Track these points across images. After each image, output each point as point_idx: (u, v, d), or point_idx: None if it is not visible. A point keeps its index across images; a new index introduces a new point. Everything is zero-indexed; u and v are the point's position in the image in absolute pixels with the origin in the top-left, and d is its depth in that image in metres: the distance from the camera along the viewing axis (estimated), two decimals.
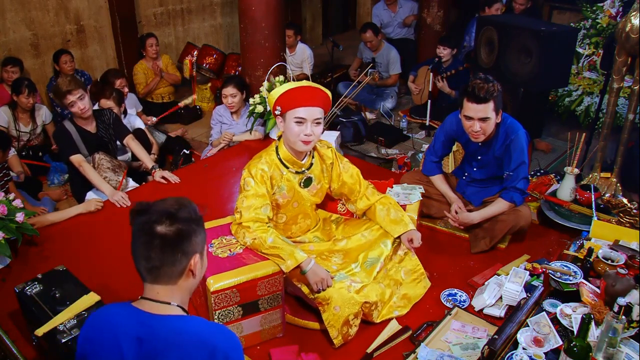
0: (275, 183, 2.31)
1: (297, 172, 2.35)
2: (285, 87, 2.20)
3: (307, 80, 4.64)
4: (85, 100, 3.24)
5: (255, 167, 2.27)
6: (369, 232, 2.45)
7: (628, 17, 3.19)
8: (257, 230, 2.21)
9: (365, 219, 2.54)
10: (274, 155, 2.33)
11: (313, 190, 2.43)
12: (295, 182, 2.36)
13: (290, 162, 2.33)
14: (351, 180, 2.50)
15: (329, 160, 2.46)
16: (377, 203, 2.49)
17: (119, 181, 3.37)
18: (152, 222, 1.35)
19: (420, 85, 5.42)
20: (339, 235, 2.51)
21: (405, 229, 2.39)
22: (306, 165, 2.37)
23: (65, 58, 4.87)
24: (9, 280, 2.54)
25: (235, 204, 2.32)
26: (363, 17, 8.49)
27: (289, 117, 2.22)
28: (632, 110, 3.37)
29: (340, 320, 2.18)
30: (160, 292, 1.40)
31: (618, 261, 2.26)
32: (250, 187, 2.25)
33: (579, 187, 3.04)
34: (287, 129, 2.24)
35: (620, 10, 4.70)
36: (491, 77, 2.63)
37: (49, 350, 2.01)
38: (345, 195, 2.55)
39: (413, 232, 2.39)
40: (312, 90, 2.23)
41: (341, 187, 2.51)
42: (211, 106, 5.57)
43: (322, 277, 2.15)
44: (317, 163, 2.42)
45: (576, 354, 1.74)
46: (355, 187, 2.51)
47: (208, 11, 6.52)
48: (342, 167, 2.49)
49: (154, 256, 1.35)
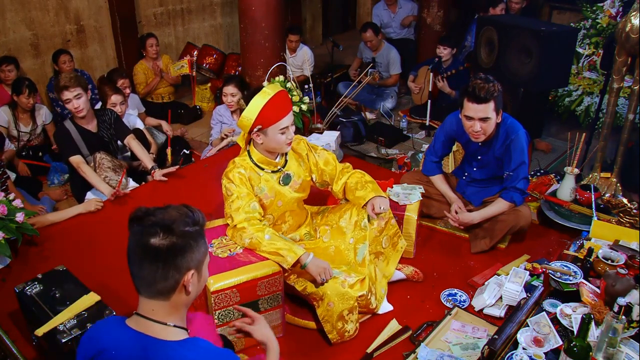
0: (255, 184, 2.34)
1: (273, 171, 2.38)
2: (258, 106, 2.21)
3: (308, 80, 4.65)
4: (82, 100, 3.23)
5: (232, 172, 2.31)
6: (349, 216, 2.47)
7: (628, 17, 3.19)
8: (252, 229, 2.22)
9: (344, 204, 2.56)
10: (247, 160, 2.36)
11: (295, 186, 2.45)
12: (274, 182, 2.38)
13: (265, 163, 2.36)
14: (328, 167, 2.53)
15: (304, 152, 2.50)
16: (349, 179, 2.52)
17: (118, 181, 3.37)
18: (146, 233, 1.27)
19: (420, 85, 5.42)
20: (322, 225, 2.53)
21: (367, 198, 2.40)
22: (281, 163, 2.41)
23: (64, 58, 4.87)
24: (9, 280, 2.54)
25: (224, 211, 2.33)
26: (363, 17, 8.49)
27: (272, 130, 2.25)
28: (632, 110, 3.37)
29: (334, 316, 2.19)
30: (156, 309, 1.32)
31: (618, 261, 2.26)
32: (232, 191, 2.29)
33: (579, 187, 3.04)
34: (271, 140, 2.28)
35: (620, 10, 4.69)
36: (491, 77, 2.63)
37: (49, 350, 2.01)
38: (328, 183, 2.58)
39: (375, 199, 2.40)
40: (282, 97, 2.27)
41: (321, 176, 2.55)
42: (211, 106, 5.57)
43: (324, 266, 2.17)
44: (291, 159, 2.45)
45: (576, 354, 1.74)
46: (334, 172, 2.54)
47: (208, 11, 6.52)
48: (317, 156, 2.53)
49: (146, 269, 1.28)
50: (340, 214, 2.50)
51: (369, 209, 2.40)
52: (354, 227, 2.44)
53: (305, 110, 3.91)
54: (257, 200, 2.32)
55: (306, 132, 4.01)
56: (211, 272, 2.09)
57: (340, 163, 2.58)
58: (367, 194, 2.42)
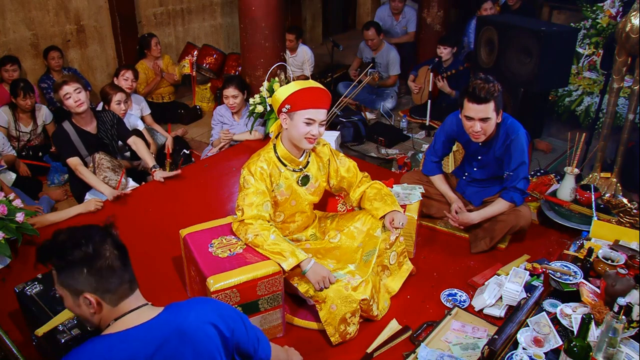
0: (274, 180, 2.34)
1: (294, 170, 2.38)
2: (296, 86, 2.23)
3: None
4: (82, 94, 3.22)
5: (255, 165, 2.30)
6: (361, 223, 2.47)
7: (628, 17, 3.19)
8: (259, 227, 2.21)
9: (358, 211, 2.56)
10: (272, 153, 2.35)
11: (311, 189, 2.45)
12: (293, 180, 2.38)
13: (288, 160, 2.35)
14: (349, 174, 2.53)
15: (326, 157, 2.49)
16: (367, 189, 2.52)
17: (117, 181, 3.37)
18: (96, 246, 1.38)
19: (420, 85, 5.42)
20: (332, 230, 2.53)
21: (387, 210, 2.40)
22: (303, 163, 2.40)
23: (53, 54, 4.86)
24: (9, 280, 2.54)
25: (236, 202, 2.32)
26: (363, 17, 8.49)
27: (298, 116, 2.23)
28: (632, 110, 3.37)
29: (337, 318, 2.19)
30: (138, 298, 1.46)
31: (618, 261, 2.26)
32: (250, 184, 2.27)
33: (579, 187, 3.04)
34: (294, 127, 2.26)
35: (620, 10, 4.69)
36: (491, 77, 2.63)
37: (49, 350, 2.01)
38: (345, 190, 2.58)
39: (394, 213, 2.40)
40: (321, 92, 2.26)
41: (340, 182, 2.54)
42: (211, 106, 5.57)
43: (324, 275, 2.16)
44: (313, 161, 2.45)
45: (576, 354, 1.74)
46: (354, 180, 2.54)
47: (208, 11, 6.52)
48: (339, 162, 2.52)
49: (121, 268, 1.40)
50: (353, 220, 2.50)
51: (387, 222, 2.39)
52: (365, 234, 2.44)
53: None
54: (271, 200, 2.31)
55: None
56: (211, 272, 2.09)
57: (360, 172, 2.58)
58: (386, 206, 2.41)
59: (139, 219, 3.08)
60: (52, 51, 4.88)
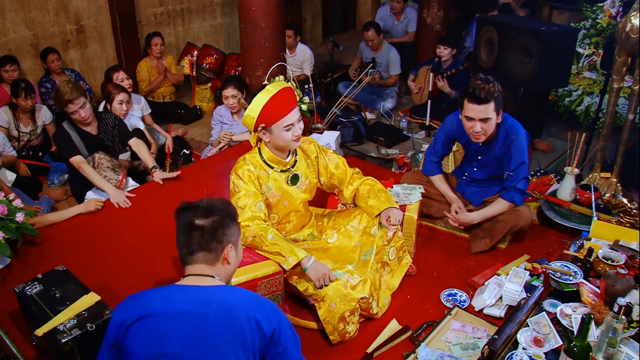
0: (263, 183, 2.34)
1: (282, 170, 2.39)
2: (260, 104, 2.21)
3: (308, 80, 4.65)
4: (87, 108, 3.27)
5: (241, 169, 2.31)
6: (357, 222, 2.47)
7: (628, 17, 3.19)
8: (256, 228, 2.22)
9: (353, 209, 2.56)
10: (257, 157, 2.36)
11: (302, 187, 2.46)
12: (282, 181, 2.39)
13: (275, 161, 2.37)
14: (338, 171, 2.53)
15: (313, 154, 2.50)
16: (360, 186, 2.52)
17: (119, 180, 3.37)
18: (193, 216, 1.61)
19: (420, 85, 5.42)
20: (330, 229, 2.53)
21: (382, 208, 2.40)
22: (290, 163, 2.41)
23: (52, 57, 4.85)
24: (9, 280, 2.54)
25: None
26: (363, 17, 8.49)
27: (276, 128, 2.25)
28: (632, 110, 3.37)
29: (336, 317, 2.19)
30: (203, 270, 1.62)
31: (618, 261, 2.26)
32: (240, 187, 2.29)
33: (579, 187, 3.04)
34: (277, 138, 2.28)
35: (620, 10, 4.69)
36: (492, 78, 2.63)
37: (49, 350, 2.01)
38: (336, 187, 2.58)
39: (390, 210, 2.40)
40: (284, 94, 2.25)
41: (330, 179, 2.54)
42: (211, 106, 5.57)
43: (324, 272, 2.17)
44: (301, 159, 2.45)
45: (576, 354, 1.74)
46: (344, 176, 2.54)
47: (208, 11, 6.52)
48: (327, 159, 2.52)
49: (194, 243, 1.60)
50: (350, 219, 2.50)
51: (383, 220, 2.40)
52: (362, 232, 2.44)
53: (305, 110, 3.91)
54: (263, 200, 2.32)
55: (306, 132, 4.01)
56: None
57: (350, 168, 2.58)
58: (381, 204, 2.41)
59: (139, 219, 3.08)
60: (50, 54, 4.86)
